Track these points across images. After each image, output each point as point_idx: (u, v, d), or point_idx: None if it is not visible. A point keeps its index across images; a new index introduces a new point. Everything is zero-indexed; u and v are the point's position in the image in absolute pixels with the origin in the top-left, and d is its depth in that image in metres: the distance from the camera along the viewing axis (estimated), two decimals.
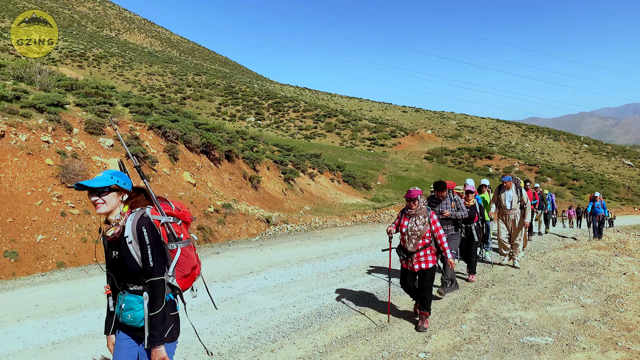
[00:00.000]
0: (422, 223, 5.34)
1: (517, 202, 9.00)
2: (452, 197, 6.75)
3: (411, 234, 5.34)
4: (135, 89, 64.07)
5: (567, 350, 4.70)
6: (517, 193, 8.99)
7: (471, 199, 7.86)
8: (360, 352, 4.71)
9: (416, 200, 5.39)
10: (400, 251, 5.49)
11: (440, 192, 6.65)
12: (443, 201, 6.71)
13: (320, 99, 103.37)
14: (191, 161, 15.49)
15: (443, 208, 6.70)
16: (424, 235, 5.33)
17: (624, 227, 21.49)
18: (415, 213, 5.39)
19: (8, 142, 10.30)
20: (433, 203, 6.77)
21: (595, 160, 76.62)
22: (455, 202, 6.74)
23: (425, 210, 5.40)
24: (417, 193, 5.41)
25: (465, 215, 6.77)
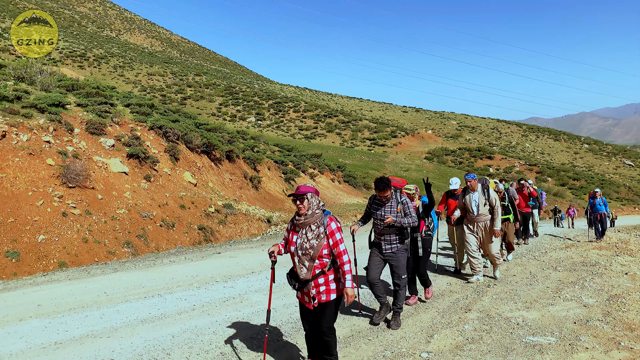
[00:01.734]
0: (315, 236, 3.78)
1: (485, 206, 7.55)
2: (398, 198, 5.43)
3: (302, 253, 3.80)
4: (135, 89, 64.09)
5: (569, 350, 4.70)
6: (485, 195, 7.57)
7: (414, 200, 6.41)
8: (363, 351, 4.71)
9: (304, 200, 3.81)
10: (292, 279, 3.96)
11: (382, 193, 5.29)
12: (387, 203, 5.39)
13: (320, 99, 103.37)
14: (192, 161, 15.49)
15: (386, 213, 5.34)
16: (321, 253, 3.79)
17: (625, 227, 21.48)
18: (305, 222, 3.81)
19: (9, 142, 10.30)
20: (375, 206, 5.48)
21: (596, 160, 76.59)
22: (402, 206, 5.39)
23: (321, 216, 3.85)
24: (307, 190, 3.86)
25: (413, 223, 5.36)
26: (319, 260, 3.79)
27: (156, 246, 10.77)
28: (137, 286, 7.25)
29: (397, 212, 5.36)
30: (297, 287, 3.90)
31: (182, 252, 10.67)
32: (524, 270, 8.80)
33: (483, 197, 7.54)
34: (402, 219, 5.33)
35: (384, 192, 5.28)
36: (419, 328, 5.43)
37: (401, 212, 5.38)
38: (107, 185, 11.31)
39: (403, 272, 5.44)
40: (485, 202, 7.53)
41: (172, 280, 7.67)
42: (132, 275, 8.04)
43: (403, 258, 5.47)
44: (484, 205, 7.53)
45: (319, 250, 3.75)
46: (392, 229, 5.38)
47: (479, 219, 7.60)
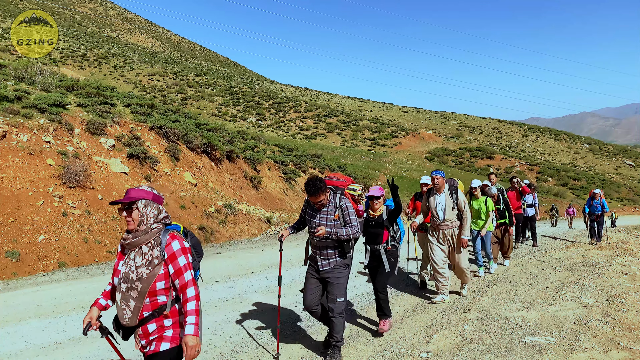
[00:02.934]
0: (145, 263, 2.59)
1: (453, 210, 6.41)
2: (337, 202, 4.38)
3: (126, 287, 2.63)
4: (136, 89, 64.14)
5: (569, 350, 4.70)
6: (452, 197, 6.43)
7: (379, 206, 5.29)
8: (362, 351, 4.71)
9: (133, 211, 2.63)
10: (115, 324, 2.90)
11: (314, 198, 4.23)
12: (322, 210, 4.37)
13: (321, 99, 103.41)
14: (192, 161, 15.50)
15: (321, 221, 4.34)
16: (154, 287, 2.59)
17: (625, 227, 21.48)
18: (134, 242, 2.62)
19: (10, 142, 10.31)
20: (309, 212, 4.48)
21: (597, 160, 76.56)
22: (341, 212, 4.35)
23: (159, 232, 2.67)
24: (138, 195, 2.65)
25: (354, 234, 4.33)
26: (151, 297, 2.59)
27: None
28: None
29: (334, 219, 4.32)
30: (123, 336, 2.82)
31: None
32: (523, 270, 8.80)
33: (451, 200, 6.39)
34: (339, 230, 4.27)
35: (317, 197, 4.22)
36: (418, 328, 5.43)
37: (340, 219, 4.34)
38: (108, 186, 11.32)
39: (340, 294, 4.39)
40: (453, 205, 6.39)
41: None
42: None
43: (342, 276, 4.46)
44: (452, 210, 6.38)
45: (150, 283, 2.56)
46: (330, 241, 4.38)
47: (446, 226, 6.43)
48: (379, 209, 5.28)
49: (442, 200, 6.39)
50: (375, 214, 5.28)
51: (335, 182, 4.62)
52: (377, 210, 5.28)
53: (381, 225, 5.25)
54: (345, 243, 4.41)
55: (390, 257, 5.27)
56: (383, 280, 5.25)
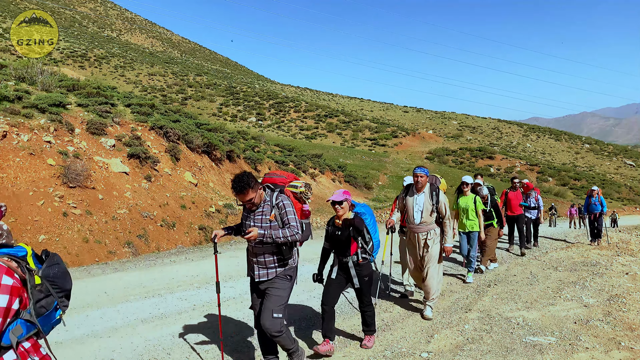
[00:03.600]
0: None
1: (432, 214, 5.70)
2: (273, 201, 3.80)
3: None
4: (136, 89, 64.15)
5: (570, 350, 4.69)
6: (432, 198, 5.69)
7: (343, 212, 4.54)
8: (363, 351, 4.71)
9: None
10: None
11: (241, 196, 3.67)
12: (256, 210, 3.80)
13: (321, 99, 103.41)
14: (193, 161, 15.50)
15: (255, 223, 3.77)
16: None
17: (626, 227, 21.47)
18: None
19: (10, 142, 10.32)
20: (244, 214, 3.92)
21: (597, 160, 76.52)
22: (278, 211, 3.77)
23: None
24: None
25: (293, 236, 3.68)
26: None
27: (157, 246, 10.77)
28: (137, 286, 7.25)
29: (269, 220, 3.74)
30: None
31: (183, 252, 10.68)
32: (524, 270, 8.80)
33: (430, 202, 5.67)
34: (274, 232, 3.66)
35: (244, 195, 3.64)
36: (419, 328, 5.43)
37: (277, 220, 3.76)
38: (108, 185, 11.32)
39: (277, 309, 3.74)
40: (432, 207, 5.67)
41: (173, 280, 7.67)
42: (133, 275, 8.05)
43: (283, 288, 3.82)
44: (430, 213, 5.68)
45: None
46: (268, 247, 3.76)
47: (421, 229, 5.76)
48: (344, 215, 4.56)
49: (420, 201, 5.72)
50: (340, 222, 4.58)
51: (275, 179, 4.14)
52: (343, 218, 4.57)
53: (348, 234, 4.52)
54: (284, 248, 3.76)
55: (360, 271, 4.59)
56: (366, 292, 4.67)
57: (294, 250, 3.97)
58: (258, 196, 3.75)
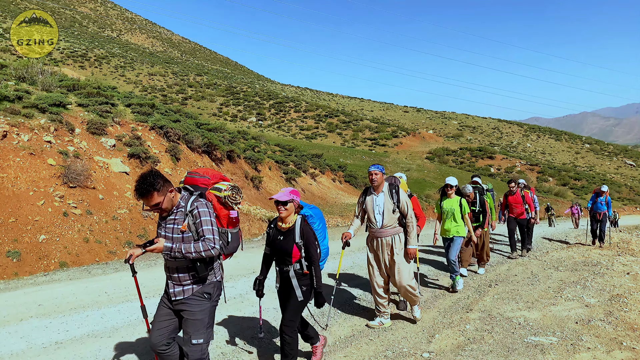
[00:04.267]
0: None
1: (394, 213, 5.27)
2: (187, 207, 3.22)
3: None
4: (136, 89, 64.16)
5: (571, 350, 4.68)
6: (392, 197, 5.28)
7: (286, 214, 3.94)
8: (364, 351, 4.70)
9: None
10: None
11: (146, 200, 3.10)
12: (168, 217, 3.24)
13: (321, 99, 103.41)
14: (193, 161, 15.49)
15: (167, 233, 3.23)
16: None
17: (626, 227, 21.45)
18: None
19: (10, 142, 10.31)
20: (159, 221, 3.34)
21: (597, 160, 76.50)
22: (192, 221, 3.20)
23: None
24: None
25: (207, 251, 3.13)
26: None
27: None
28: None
29: (181, 231, 3.18)
30: None
31: None
32: (525, 270, 8.78)
33: (391, 202, 5.26)
34: (184, 245, 3.12)
35: (149, 199, 3.08)
36: (420, 328, 5.42)
37: (190, 230, 3.19)
38: (108, 185, 11.31)
39: (197, 334, 3.24)
40: (393, 207, 5.25)
41: None
42: None
43: (200, 310, 3.27)
44: (392, 213, 5.25)
45: None
46: (183, 261, 3.21)
47: (384, 233, 5.31)
48: (288, 218, 3.95)
49: (380, 202, 5.27)
50: (284, 226, 3.95)
51: (196, 179, 3.51)
52: (287, 221, 3.95)
53: (291, 241, 3.92)
54: (199, 264, 3.18)
55: (303, 282, 4.00)
56: (293, 313, 3.97)
57: (216, 265, 3.39)
58: (168, 200, 3.15)
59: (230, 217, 3.54)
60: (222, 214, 3.47)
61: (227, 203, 3.48)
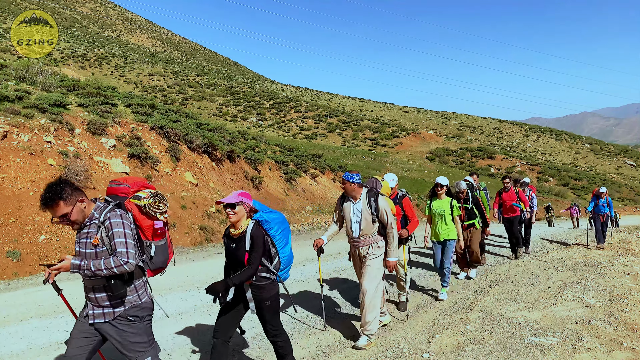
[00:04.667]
0: None
1: (374, 223, 4.86)
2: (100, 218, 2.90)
3: None
4: (137, 89, 64.17)
5: (572, 350, 4.68)
6: (370, 206, 4.84)
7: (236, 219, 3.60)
8: (364, 352, 4.69)
9: None
10: None
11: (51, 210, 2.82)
12: (82, 231, 2.95)
13: (321, 99, 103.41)
14: (193, 161, 15.49)
15: (80, 248, 2.95)
16: None
17: (627, 227, 21.44)
18: None
19: (10, 142, 10.31)
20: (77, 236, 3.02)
21: (598, 160, 76.50)
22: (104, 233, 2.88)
23: None
24: None
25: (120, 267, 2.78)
26: None
27: None
28: None
29: (94, 245, 2.87)
30: None
31: (183, 252, 10.67)
32: (525, 270, 8.78)
33: (368, 210, 4.83)
34: (94, 262, 2.79)
35: (54, 209, 2.80)
36: (421, 328, 5.42)
37: (103, 244, 2.87)
38: None
39: (144, 354, 3.00)
40: (372, 217, 4.83)
41: (173, 281, 7.66)
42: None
43: (134, 333, 2.97)
44: (371, 223, 4.84)
45: None
46: (99, 280, 2.88)
47: (361, 243, 4.94)
48: (239, 223, 3.61)
49: (358, 210, 4.86)
50: (235, 232, 3.64)
51: (116, 188, 3.17)
52: (238, 227, 3.62)
53: (242, 248, 3.58)
54: (112, 281, 2.84)
55: (259, 294, 3.68)
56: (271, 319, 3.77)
57: (139, 284, 3.02)
58: (78, 211, 2.84)
59: (155, 228, 3.15)
60: (145, 224, 3.11)
61: (149, 212, 3.11)
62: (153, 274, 3.24)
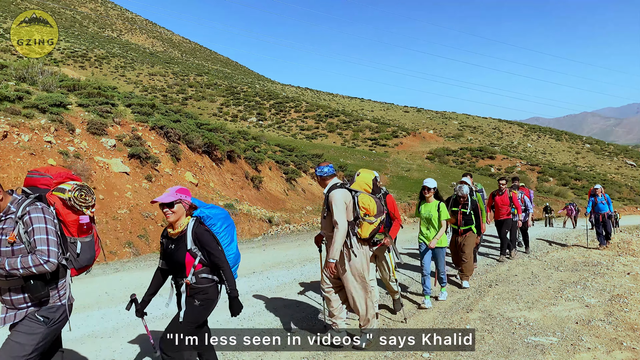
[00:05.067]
0: None
1: (324, 218, 4.64)
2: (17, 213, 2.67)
3: None
4: (137, 89, 64.19)
5: (572, 350, 4.68)
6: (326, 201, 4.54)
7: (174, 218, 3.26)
8: (364, 351, 4.69)
9: None
10: None
11: None
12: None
13: (321, 99, 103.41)
14: (193, 161, 15.49)
15: None
16: None
17: (627, 227, 21.44)
18: None
19: (11, 142, 10.31)
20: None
21: (598, 160, 76.49)
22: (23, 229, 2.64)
23: None
24: None
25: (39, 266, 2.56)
26: None
27: (158, 246, 10.77)
28: (138, 286, 7.24)
29: (9, 242, 2.61)
30: None
31: None
32: (525, 270, 8.78)
33: (324, 206, 4.63)
34: (9, 260, 2.55)
35: None
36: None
37: (21, 241, 2.64)
38: (109, 186, 11.31)
39: None
40: (325, 213, 4.56)
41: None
42: (134, 276, 8.04)
43: (28, 333, 2.63)
44: (328, 221, 4.50)
45: None
46: (14, 280, 2.61)
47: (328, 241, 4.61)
48: (178, 222, 3.27)
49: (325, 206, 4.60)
50: (173, 232, 3.30)
51: (35, 179, 2.94)
52: (177, 226, 3.28)
53: (183, 248, 3.25)
54: (32, 282, 2.60)
55: (194, 296, 3.32)
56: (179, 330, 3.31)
57: (61, 283, 2.81)
58: None
59: (81, 224, 2.90)
60: (69, 219, 2.86)
61: (74, 206, 2.87)
62: (77, 273, 2.99)
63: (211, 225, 3.39)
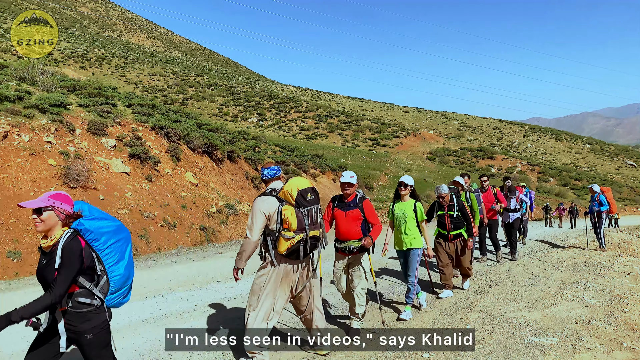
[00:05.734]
0: None
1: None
2: None
3: None
4: (137, 89, 64.21)
5: (572, 350, 4.68)
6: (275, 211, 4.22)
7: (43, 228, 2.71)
8: (365, 352, 4.70)
9: None
10: None
11: None
12: None
13: (322, 100, 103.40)
14: (193, 161, 15.50)
15: None
16: None
17: (627, 227, 21.43)
18: None
19: (11, 142, 10.32)
20: None
21: (598, 160, 76.48)
22: None
23: None
24: None
25: None
26: None
27: (158, 246, 10.77)
28: (138, 286, 7.23)
29: None
30: None
31: (184, 252, 10.68)
32: (525, 271, 8.78)
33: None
34: None
35: None
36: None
37: None
38: (109, 186, 11.32)
39: None
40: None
41: (174, 281, 7.67)
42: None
43: None
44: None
45: None
46: None
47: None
48: (49, 233, 2.73)
49: None
50: (44, 244, 2.73)
51: None
52: (49, 237, 2.73)
53: (52, 265, 2.64)
54: None
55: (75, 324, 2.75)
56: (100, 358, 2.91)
57: None
58: None
59: None
60: None
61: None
62: None
63: (92, 241, 2.77)
